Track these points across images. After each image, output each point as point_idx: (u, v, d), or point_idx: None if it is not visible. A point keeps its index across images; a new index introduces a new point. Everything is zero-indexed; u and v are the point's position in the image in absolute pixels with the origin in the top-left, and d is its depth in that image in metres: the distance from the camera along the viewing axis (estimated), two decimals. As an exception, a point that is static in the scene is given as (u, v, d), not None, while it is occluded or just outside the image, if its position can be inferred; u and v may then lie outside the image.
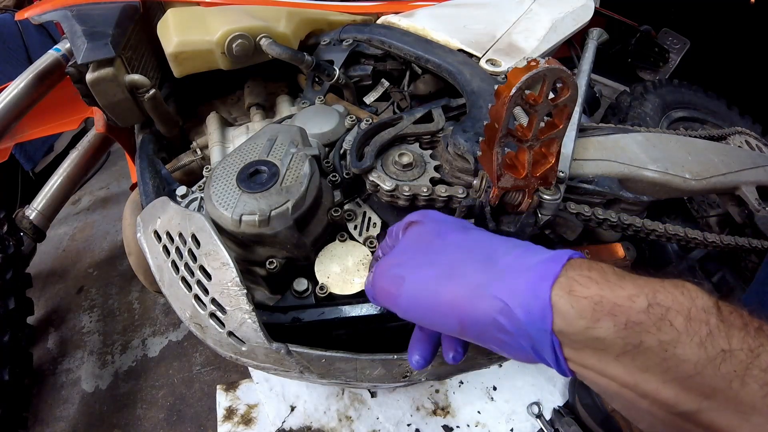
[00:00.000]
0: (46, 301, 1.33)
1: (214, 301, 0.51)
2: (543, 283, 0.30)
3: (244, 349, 0.51)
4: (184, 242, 0.54)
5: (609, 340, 0.28)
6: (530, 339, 0.31)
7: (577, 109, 0.72)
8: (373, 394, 0.96)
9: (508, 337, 0.32)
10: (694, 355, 0.26)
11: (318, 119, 0.71)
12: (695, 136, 0.93)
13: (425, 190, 0.59)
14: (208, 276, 0.51)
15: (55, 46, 0.93)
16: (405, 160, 0.62)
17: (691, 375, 0.26)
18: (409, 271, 0.38)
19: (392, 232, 0.47)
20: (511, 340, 0.32)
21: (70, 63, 0.73)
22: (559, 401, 0.93)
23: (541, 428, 0.90)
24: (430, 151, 0.65)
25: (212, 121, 0.83)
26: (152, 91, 0.75)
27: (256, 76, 0.91)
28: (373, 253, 0.61)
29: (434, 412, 0.94)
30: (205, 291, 0.52)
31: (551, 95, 0.43)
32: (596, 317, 0.28)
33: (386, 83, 0.89)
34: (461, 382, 0.98)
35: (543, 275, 0.31)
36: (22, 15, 0.86)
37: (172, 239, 0.55)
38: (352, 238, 0.63)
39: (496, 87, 0.43)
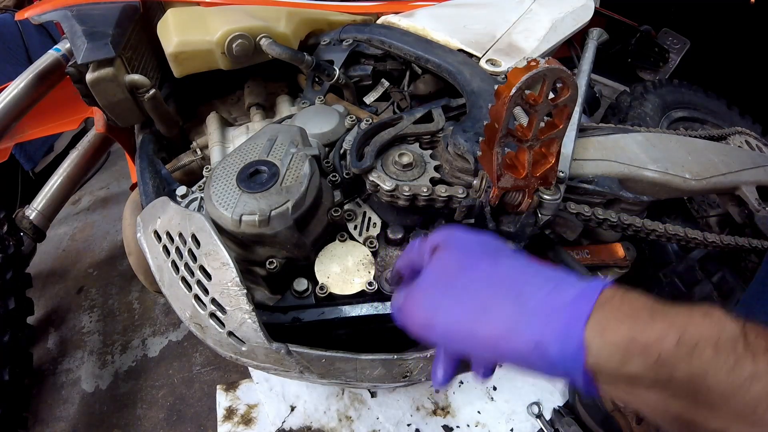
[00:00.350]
0: (46, 301, 1.33)
1: (214, 301, 0.51)
2: (576, 324, 0.32)
3: (244, 349, 0.51)
4: (184, 242, 0.54)
5: (640, 375, 0.30)
6: (564, 371, 0.33)
7: (577, 109, 0.72)
8: (373, 394, 0.96)
9: (543, 367, 0.34)
10: (723, 383, 0.27)
11: (318, 119, 0.71)
12: (695, 136, 0.93)
13: (425, 190, 0.59)
14: (208, 276, 0.51)
15: (55, 46, 0.93)
16: (405, 160, 0.62)
17: (721, 401, 0.28)
18: (440, 304, 0.39)
19: (414, 247, 0.46)
20: (544, 369, 0.34)
21: (70, 63, 0.73)
22: (559, 401, 0.93)
23: (541, 428, 0.90)
24: (430, 151, 0.65)
25: (212, 121, 0.83)
26: (152, 91, 0.75)
27: (256, 76, 0.91)
28: (373, 253, 0.61)
29: (434, 412, 0.94)
30: (205, 291, 0.52)
31: (551, 95, 0.43)
32: (628, 357, 0.30)
33: (386, 83, 0.89)
34: (461, 382, 0.98)
35: (576, 315, 0.32)
36: (22, 15, 0.86)
37: (172, 239, 0.55)
38: (352, 238, 0.63)
39: (496, 87, 0.43)
